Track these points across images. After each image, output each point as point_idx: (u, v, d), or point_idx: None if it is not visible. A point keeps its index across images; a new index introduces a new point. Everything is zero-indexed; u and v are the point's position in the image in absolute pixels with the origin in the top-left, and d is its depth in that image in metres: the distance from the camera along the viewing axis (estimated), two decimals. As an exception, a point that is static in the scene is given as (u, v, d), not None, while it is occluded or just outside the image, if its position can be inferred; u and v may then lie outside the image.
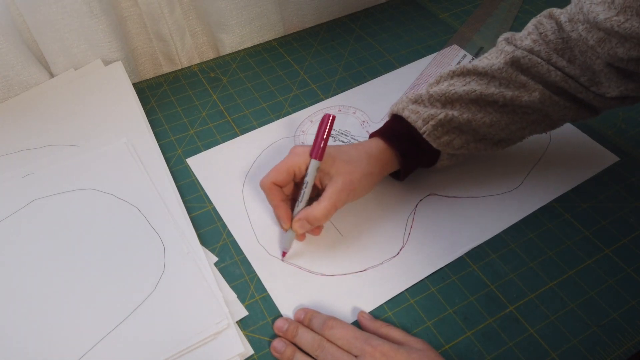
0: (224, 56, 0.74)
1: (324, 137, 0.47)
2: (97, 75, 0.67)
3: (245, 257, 0.50)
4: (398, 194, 0.55)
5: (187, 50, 0.73)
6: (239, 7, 0.71)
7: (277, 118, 0.64)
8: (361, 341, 0.41)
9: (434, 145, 0.50)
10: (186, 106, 0.66)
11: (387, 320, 0.45)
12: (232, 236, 0.52)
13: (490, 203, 0.54)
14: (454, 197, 0.55)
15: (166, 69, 0.74)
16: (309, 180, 0.47)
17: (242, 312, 0.46)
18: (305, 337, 0.43)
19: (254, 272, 0.49)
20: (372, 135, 0.53)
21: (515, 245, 0.51)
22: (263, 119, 0.64)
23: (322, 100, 0.66)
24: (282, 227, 0.49)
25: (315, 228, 0.49)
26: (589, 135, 0.60)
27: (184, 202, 0.55)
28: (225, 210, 0.54)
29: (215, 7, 0.69)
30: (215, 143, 0.61)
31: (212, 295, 0.46)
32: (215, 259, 0.50)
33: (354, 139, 0.61)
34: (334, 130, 0.62)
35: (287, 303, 0.47)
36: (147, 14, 0.68)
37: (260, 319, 0.46)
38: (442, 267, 0.49)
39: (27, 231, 0.52)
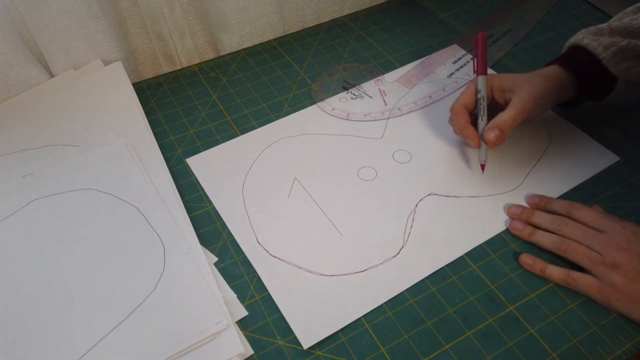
0: (223, 56, 0.74)
1: (481, 54, 0.54)
2: (96, 75, 0.67)
3: (245, 256, 0.50)
4: (398, 193, 0.55)
5: (187, 50, 0.73)
6: (239, 7, 0.71)
7: (277, 118, 0.64)
8: (610, 220, 0.43)
9: (613, 71, 0.52)
10: (186, 106, 0.66)
11: (387, 320, 0.45)
12: (232, 236, 0.52)
13: (490, 203, 0.54)
14: (454, 197, 0.55)
15: (166, 69, 0.74)
16: (482, 94, 0.53)
17: (242, 312, 0.46)
18: (543, 217, 0.44)
19: (254, 271, 0.49)
20: (547, 65, 0.55)
21: (515, 245, 0.51)
22: (263, 119, 0.64)
23: (322, 99, 0.66)
24: (471, 144, 0.53)
25: (501, 137, 0.51)
26: (589, 134, 0.60)
27: (184, 202, 0.55)
28: (225, 210, 0.54)
29: (215, 8, 0.69)
30: (215, 143, 0.61)
31: (212, 295, 0.46)
32: (215, 258, 0.50)
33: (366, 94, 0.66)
34: (350, 85, 0.68)
35: (287, 303, 0.47)
36: (147, 14, 0.68)
37: (260, 318, 0.46)
38: (442, 267, 0.49)
39: (26, 231, 0.51)
